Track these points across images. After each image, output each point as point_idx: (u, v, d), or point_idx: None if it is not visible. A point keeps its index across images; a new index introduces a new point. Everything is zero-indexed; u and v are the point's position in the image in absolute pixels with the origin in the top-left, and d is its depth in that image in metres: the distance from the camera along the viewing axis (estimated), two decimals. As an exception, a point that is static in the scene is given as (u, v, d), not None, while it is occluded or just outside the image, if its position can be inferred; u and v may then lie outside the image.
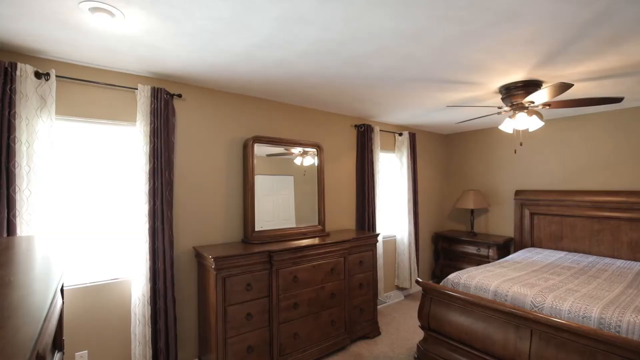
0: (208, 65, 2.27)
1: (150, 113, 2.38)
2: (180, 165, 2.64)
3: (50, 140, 2.02)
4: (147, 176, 2.36)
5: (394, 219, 4.37)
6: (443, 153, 5.32)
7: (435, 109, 3.58)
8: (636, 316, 1.95)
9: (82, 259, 2.29)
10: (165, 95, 2.44)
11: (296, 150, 3.25)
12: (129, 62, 2.22)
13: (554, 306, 2.22)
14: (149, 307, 2.32)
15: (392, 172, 4.44)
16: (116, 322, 2.34)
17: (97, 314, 2.28)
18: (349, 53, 2.07)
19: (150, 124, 2.38)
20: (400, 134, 4.32)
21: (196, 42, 1.92)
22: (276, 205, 3.11)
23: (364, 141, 3.85)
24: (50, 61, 2.13)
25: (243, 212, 2.97)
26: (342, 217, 3.82)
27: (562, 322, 1.96)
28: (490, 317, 2.34)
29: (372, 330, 3.30)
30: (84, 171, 2.33)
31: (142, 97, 2.37)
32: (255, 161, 2.90)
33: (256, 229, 2.89)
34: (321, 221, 3.34)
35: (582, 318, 2.08)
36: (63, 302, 1.27)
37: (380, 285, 3.92)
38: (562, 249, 3.91)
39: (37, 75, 1.97)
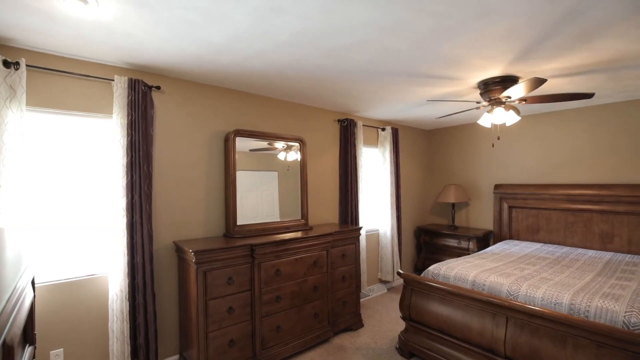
0: (187, 56, 2.23)
1: (128, 105, 2.33)
2: (160, 158, 2.59)
3: (20, 132, 1.94)
4: (125, 169, 2.31)
5: (377, 213, 4.42)
6: (425, 148, 5.40)
7: (417, 104, 3.63)
8: (603, 301, 2.04)
9: (57, 255, 2.23)
10: (143, 87, 2.39)
11: (279, 145, 3.24)
12: (105, 52, 2.16)
13: (528, 294, 2.31)
14: (127, 303, 2.28)
15: (375, 166, 4.49)
16: (93, 318, 2.29)
17: (73, 311, 2.22)
18: (330, 45, 2.08)
19: (128, 116, 2.33)
20: (383, 129, 4.36)
21: (174, 32, 1.88)
22: (260, 201, 3.09)
23: (347, 136, 3.87)
24: (20, 50, 2.05)
25: (225, 206, 2.94)
26: (325, 211, 3.83)
27: (535, 309, 2.03)
28: (468, 306, 2.41)
29: (355, 323, 3.34)
30: (58, 164, 2.26)
31: (119, 89, 2.31)
32: (236, 155, 2.88)
33: (238, 223, 2.87)
34: (304, 215, 3.35)
35: (554, 304, 2.16)
36: (34, 296, 1.24)
37: (364, 278, 3.96)
38: (539, 241, 4.04)
39: (6, 64, 1.90)
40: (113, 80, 2.31)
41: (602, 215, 3.57)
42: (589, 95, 2.60)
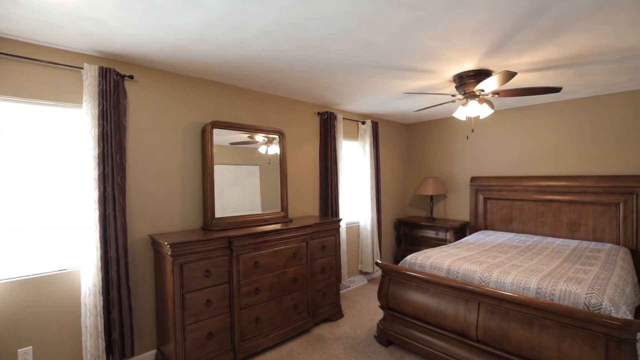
0: (161, 45, 2.18)
1: (99, 94, 2.25)
2: (134, 150, 2.53)
3: (-18, 121, 1.85)
4: (97, 161, 2.24)
5: (357, 205, 4.46)
6: (404, 142, 5.49)
7: (395, 97, 3.68)
8: (567, 285, 2.15)
9: (24, 250, 2.14)
10: (115, 76, 2.31)
11: (260, 138, 3.21)
12: (73, 39, 2.08)
13: (499, 280, 2.40)
14: (101, 298, 2.22)
15: (355, 160, 4.52)
16: (64, 314, 2.23)
17: (42, 307, 2.15)
18: (307, 35, 2.07)
19: (99, 105, 2.25)
20: (363, 123, 4.40)
21: (146, 20, 1.83)
22: (242, 195, 3.07)
23: (327, 129, 3.88)
24: (-20, 34, 1.94)
25: (202, 198, 2.90)
26: (305, 204, 3.84)
27: (504, 294, 2.12)
28: (442, 293, 2.48)
29: (335, 313, 3.38)
30: (25, 155, 2.16)
31: (89, 77, 2.23)
32: (215, 148, 2.84)
33: (218, 216, 2.84)
34: (284, 207, 3.35)
35: (523, 289, 2.26)
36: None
37: (344, 270, 4.01)
38: (512, 231, 4.20)
39: (-36, 48, 1.80)
40: (82, 68, 2.23)
41: (570, 205, 3.73)
42: (557, 89, 2.70)
